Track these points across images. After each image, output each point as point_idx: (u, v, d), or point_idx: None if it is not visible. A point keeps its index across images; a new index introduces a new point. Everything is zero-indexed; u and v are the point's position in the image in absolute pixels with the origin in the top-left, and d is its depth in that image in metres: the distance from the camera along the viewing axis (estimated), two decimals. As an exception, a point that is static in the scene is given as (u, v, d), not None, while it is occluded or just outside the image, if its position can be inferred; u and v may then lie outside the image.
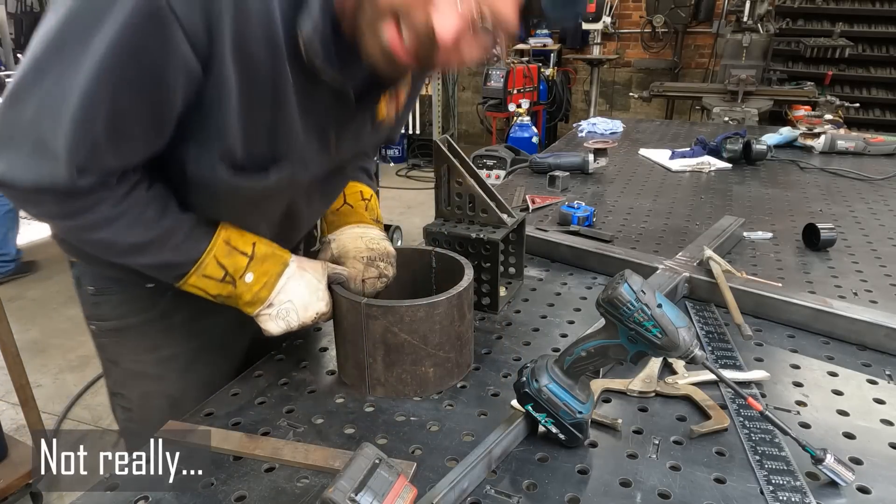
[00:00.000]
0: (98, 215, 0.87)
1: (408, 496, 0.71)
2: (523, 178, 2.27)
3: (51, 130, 0.78)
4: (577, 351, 0.83)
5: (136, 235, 0.90)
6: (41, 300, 4.06)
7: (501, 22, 0.80)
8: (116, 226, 0.88)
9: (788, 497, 0.77)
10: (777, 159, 2.48)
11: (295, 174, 0.96)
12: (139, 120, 0.81)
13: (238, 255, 0.97)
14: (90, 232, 0.89)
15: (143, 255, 0.93)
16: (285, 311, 1.00)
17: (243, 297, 0.98)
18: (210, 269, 0.96)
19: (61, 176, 0.80)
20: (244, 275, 0.97)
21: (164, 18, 0.72)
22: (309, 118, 0.90)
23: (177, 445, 0.89)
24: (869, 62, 5.69)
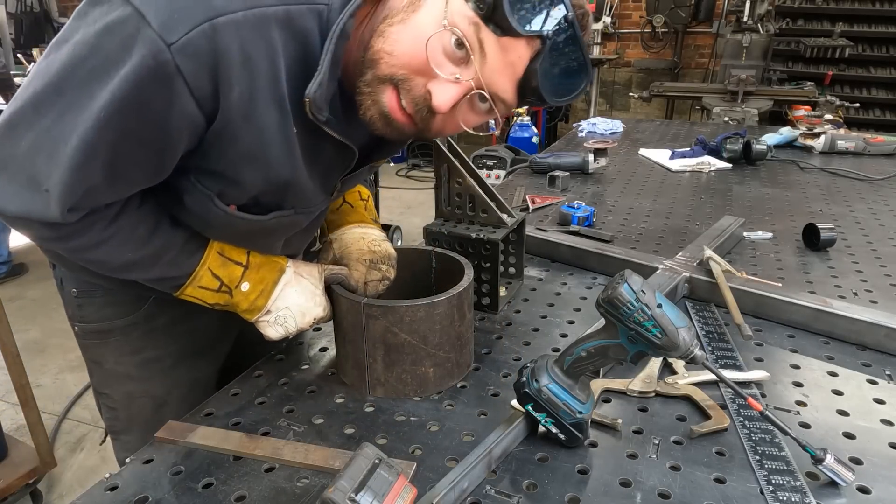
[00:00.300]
0: (89, 239, 0.86)
1: (408, 496, 0.71)
2: (523, 178, 2.27)
3: (45, 169, 0.76)
4: (577, 351, 0.83)
5: (128, 253, 0.90)
6: (41, 300, 4.06)
7: (499, 97, 0.83)
8: (108, 246, 0.88)
9: (788, 497, 0.77)
10: (777, 159, 2.48)
11: (296, 215, 0.96)
12: (139, 166, 0.80)
13: (232, 265, 0.97)
14: (82, 253, 0.89)
15: (136, 271, 0.93)
16: (283, 318, 1.00)
17: (240, 305, 0.98)
18: (205, 280, 0.96)
19: (52, 212, 0.79)
20: (240, 284, 0.97)
21: (169, 76, 0.71)
22: (314, 169, 0.91)
23: (177, 445, 0.90)
24: (869, 62, 5.69)
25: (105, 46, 0.71)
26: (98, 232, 0.86)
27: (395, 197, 6.28)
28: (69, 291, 1.13)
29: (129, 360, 1.15)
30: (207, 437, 0.90)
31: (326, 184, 0.97)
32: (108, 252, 0.89)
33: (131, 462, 0.88)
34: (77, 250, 0.88)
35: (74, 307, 1.14)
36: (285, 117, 0.81)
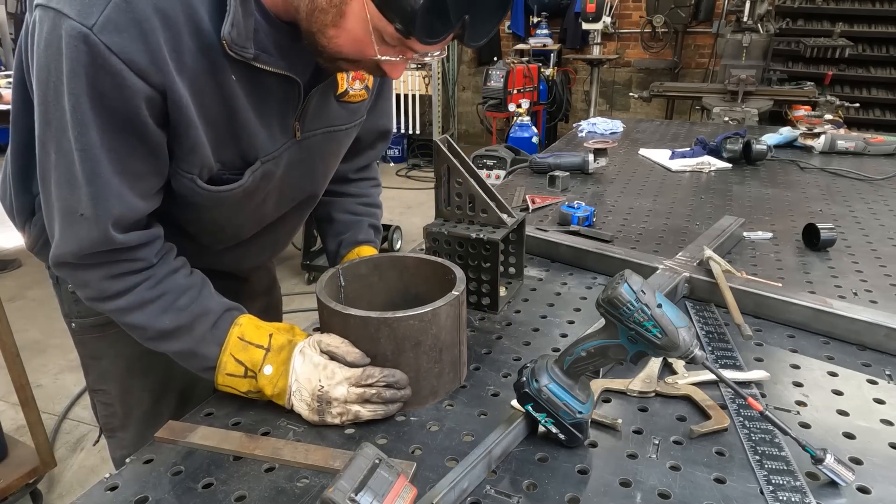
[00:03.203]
0: (136, 297, 0.92)
1: (408, 496, 0.71)
2: (523, 178, 2.27)
3: (73, 196, 0.84)
4: (577, 351, 0.83)
5: (167, 321, 0.94)
6: (41, 300, 4.06)
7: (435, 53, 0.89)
8: (150, 310, 0.93)
9: (788, 497, 0.77)
10: (777, 159, 2.48)
11: (267, 170, 0.99)
12: (137, 155, 0.85)
13: (253, 348, 0.96)
14: (126, 314, 0.93)
15: (171, 341, 0.96)
16: (298, 392, 0.94)
17: (265, 390, 0.94)
18: (230, 366, 0.96)
19: (96, 232, 0.85)
20: (262, 367, 0.95)
21: (104, 57, 0.75)
22: (263, 111, 0.93)
23: (177, 445, 0.90)
24: (869, 62, 5.69)
25: (51, 59, 0.77)
26: (145, 290, 0.93)
27: (395, 197, 6.28)
28: (65, 288, 1.14)
29: (127, 353, 1.16)
30: (207, 437, 0.90)
31: (284, 124, 0.98)
32: (149, 316, 0.93)
33: (131, 462, 0.88)
34: (123, 310, 0.93)
35: (71, 303, 1.15)
36: (217, 64, 0.84)
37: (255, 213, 1.08)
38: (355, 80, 1.07)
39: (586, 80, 7.69)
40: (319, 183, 1.19)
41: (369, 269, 1.14)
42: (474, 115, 7.88)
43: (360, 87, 1.09)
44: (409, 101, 7.41)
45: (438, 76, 7.11)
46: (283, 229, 1.23)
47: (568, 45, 7.74)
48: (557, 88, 7.14)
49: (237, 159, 0.96)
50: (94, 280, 0.91)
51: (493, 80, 6.28)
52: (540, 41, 7.55)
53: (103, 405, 1.22)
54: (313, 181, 1.17)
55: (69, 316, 1.17)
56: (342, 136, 1.13)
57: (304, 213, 1.26)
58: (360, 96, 1.10)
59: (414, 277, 1.14)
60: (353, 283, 1.10)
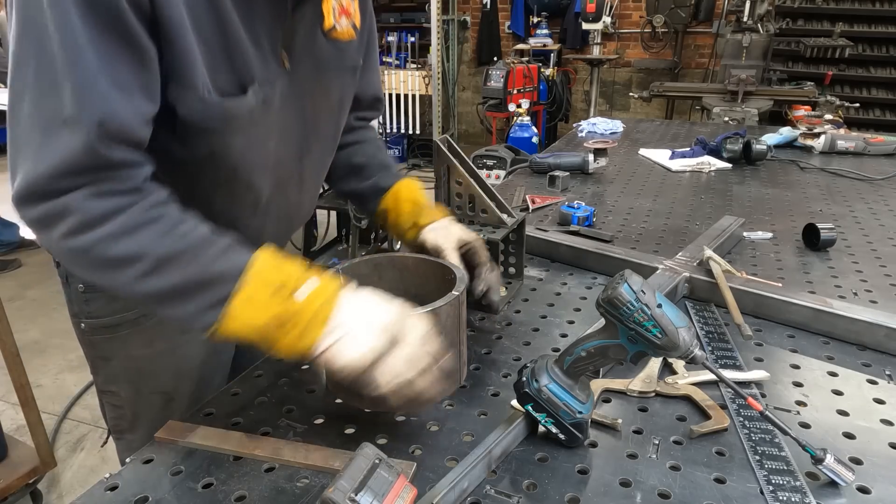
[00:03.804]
0: (129, 219, 0.80)
1: (408, 496, 0.71)
2: (523, 178, 2.27)
3: (54, 100, 0.75)
4: (577, 351, 0.83)
5: (169, 245, 0.81)
6: (41, 300, 4.07)
7: None
8: (147, 232, 0.80)
9: (788, 497, 0.77)
10: (777, 159, 2.48)
11: (266, 94, 0.94)
12: (124, 61, 0.78)
13: (290, 264, 0.84)
14: (117, 242, 0.79)
15: (173, 269, 0.80)
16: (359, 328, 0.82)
17: (304, 313, 0.80)
18: (263, 277, 0.81)
19: (79, 139, 0.75)
20: (305, 282, 0.82)
21: None
22: (253, 29, 0.90)
23: (177, 445, 0.90)
24: (869, 62, 5.69)
25: None
26: (140, 212, 0.80)
27: (395, 197, 6.26)
28: (75, 287, 1.11)
29: (138, 354, 1.14)
30: (207, 437, 0.90)
31: (273, 50, 0.94)
32: (145, 239, 0.80)
33: (131, 462, 0.88)
34: (113, 237, 0.79)
35: (81, 303, 1.12)
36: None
37: (261, 153, 1.01)
38: (342, 15, 1.05)
39: (586, 80, 7.69)
40: (319, 131, 1.13)
41: (369, 269, 1.14)
42: (474, 115, 7.88)
43: (346, 23, 1.07)
44: (409, 101, 7.41)
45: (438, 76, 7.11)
46: (296, 194, 1.16)
47: (568, 45, 7.74)
48: (557, 88, 7.14)
49: (233, 84, 0.90)
50: (76, 202, 0.77)
51: (493, 80, 6.28)
52: (540, 41, 7.55)
53: (112, 407, 1.20)
54: (313, 127, 1.10)
55: (78, 316, 1.14)
56: (333, 80, 1.09)
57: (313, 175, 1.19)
58: (348, 34, 1.07)
59: (414, 277, 1.14)
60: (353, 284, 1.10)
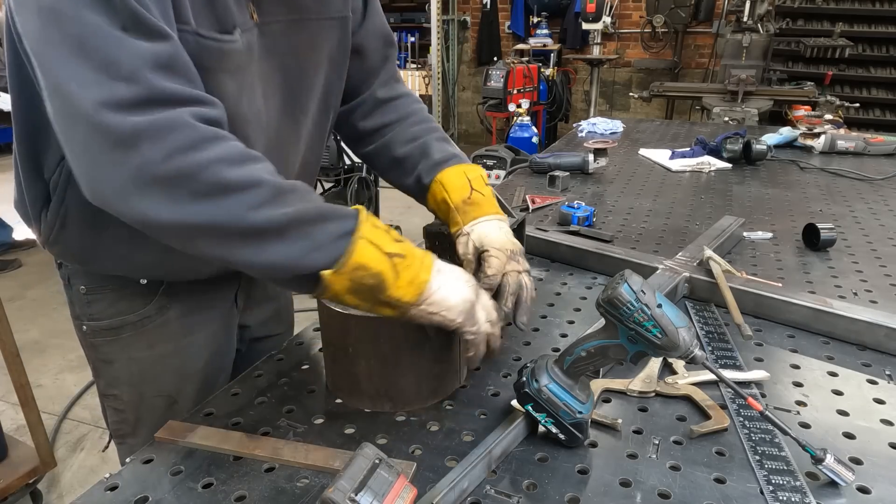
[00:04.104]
0: (235, 149, 0.77)
1: (408, 496, 0.71)
2: (523, 178, 2.27)
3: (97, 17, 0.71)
4: (577, 351, 0.83)
5: (279, 178, 0.79)
6: (41, 300, 4.07)
7: None
8: (256, 166, 0.78)
9: (788, 497, 0.77)
10: (777, 159, 2.48)
11: (248, 40, 0.91)
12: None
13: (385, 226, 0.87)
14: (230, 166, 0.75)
15: (292, 201, 0.78)
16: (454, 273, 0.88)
17: (416, 253, 0.85)
18: (374, 218, 0.85)
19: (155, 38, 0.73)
20: (400, 238, 0.87)
21: None
22: None
23: (177, 445, 0.90)
24: (869, 62, 5.70)
25: None
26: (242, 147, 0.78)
27: (395, 197, 6.25)
28: (77, 289, 1.11)
29: (141, 357, 1.14)
30: (207, 437, 0.90)
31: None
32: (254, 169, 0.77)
33: (131, 462, 0.88)
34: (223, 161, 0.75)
35: (83, 305, 1.12)
36: None
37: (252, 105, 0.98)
38: None
39: (586, 80, 7.69)
40: (313, 89, 1.09)
41: None
42: (474, 115, 7.88)
43: None
44: (409, 101, 7.40)
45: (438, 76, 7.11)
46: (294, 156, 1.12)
47: (568, 45, 7.75)
48: (557, 88, 7.15)
49: (217, 27, 0.87)
50: (183, 117, 0.73)
51: (493, 80, 6.29)
52: (540, 41, 7.55)
53: (114, 410, 1.19)
54: (301, 82, 1.06)
55: (80, 318, 1.13)
56: (317, 32, 1.05)
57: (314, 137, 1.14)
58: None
59: None
60: None
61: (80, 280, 1.10)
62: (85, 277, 1.10)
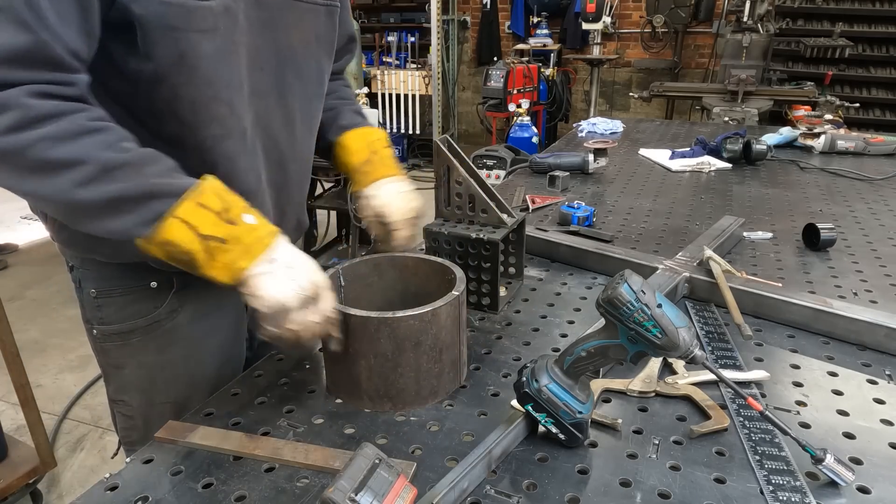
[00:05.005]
0: (71, 124, 0.79)
1: (408, 496, 0.71)
2: (523, 178, 2.27)
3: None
4: (577, 351, 0.83)
5: (112, 156, 0.80)
6: (41, 300, 4.07)
7: None
8: (90, 140, 0.80)
9: (788, 497, 0.77)
10: (777, 159, 2.48)
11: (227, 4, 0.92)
12: None
13: (233, 195, 0.88)
14: (56, 144, 0.78)
15: (115, 179, 0.80)
16: (291, 270, 0.86)
17: (243, 239, 0.84)
18: (208, 198, 0.84)
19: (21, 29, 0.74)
20: (244, 215, 0.86)
21: None
22: None
23: (177, 445, 0.90)
24: (869, 62, 5.69)
25: None
26: (82, 119, 0.80)
27: (395, 197, 6.26)
28: (88, 293, 1.10)
29: (151, 362, 1.13)
30: (207, 437, 0.90)
31: None
32: (88, 146, 0.79)
33: (131, 462, 0.88)
34: (53, 139, 0.77)
35: (93, 308, 1.11)
36: None
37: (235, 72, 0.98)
38: None
39: (586, 80, 7.69)
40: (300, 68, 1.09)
41: (369, 268, 1.14)
42: (474, 115, 7.88)
43: None
44: (409, 101, 7.41)
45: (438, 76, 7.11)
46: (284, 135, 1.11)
47: (568, 45, 7.75)
48: (557, 88, 7.15)
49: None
50: (16, 97, 0.76)
51: (493, 80, 6.28)
52: (540, 41, 7.55)
53: (123, 417, 1.19)
54: (291, 61, 1.07)
55: (90, 322, 1.13)
56: (307, 14, 1.07)
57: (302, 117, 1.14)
58: None
59: (414, 277, 1.14)
60: (353, 283, 1.10)
61: (91, 283, 1.10)
62: (95, 280, 1.10)
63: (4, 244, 4.88)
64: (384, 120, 7.42)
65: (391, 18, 8.16)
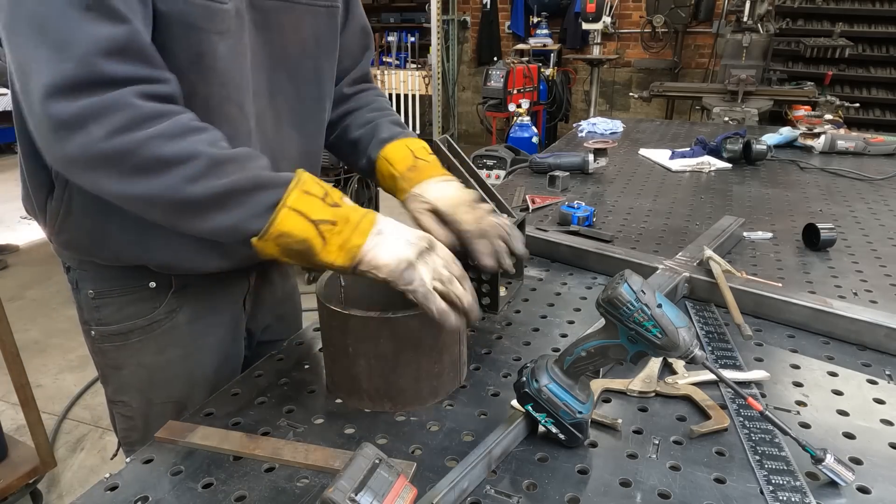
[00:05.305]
0: (177, 124, 0.82)
1: (408, 496, 0.71)
2: (523, 178, 2.27)
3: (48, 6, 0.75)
4: (577, 351, 0.83)
5: (218, 152, 0.83)
6: (41, 300, 4.07)
7: None
8: (196, 138, 0.82)
9: (788, 497, 0.77)
10: (777, 159, 2.48)
11: (237, 5, 0.94)
12: None
13: (326, 185, 0.90)
14: (168, 141, 0.80)
15: (225, 172, 0.83)
16: (397, 230, 0.88)
17: (351, 217, 0.87)
18: (310, 185, 0.87)
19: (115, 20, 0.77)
20: (343, 198, 0.89)
21: None
22: None
23: (177, 445, 0.90)
24: (869, 62, 5.70)
25: None
26: (186, 119, 0.83)
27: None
28: (86, 294, 1.10)
29: (150, 362, 1.13)
30: (207, 437, 0.90)
31: None
32: (197, 142, 0.82)
33: (131, 462, 0.88)
34: (166, 136, 0.80)
35: (91, 309, 1.11)
36: None
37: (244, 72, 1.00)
38: None
39: (586, 80, 7.69)
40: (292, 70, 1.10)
41: None
42: (474, 115, 7.88)
43: None
44: (409, 101, 7.41)
45: (438, 76, 7.11)
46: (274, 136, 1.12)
47: (568, 45, 7.75)
48: (557, 88, 7.15)
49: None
50: (126, 98, 0.78)
51: (493, 80, 6.29)
52: (540, 41, 7.55)
53: (123, 418, 1.19)
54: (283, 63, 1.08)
55: (88, 323, 1.12)
56: (304, 16, 1.07)
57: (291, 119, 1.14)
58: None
59: None
60: (353, 283, 1.10)
61: (89, 284, 1.10)
62: (93, 281, 1.09)
63: (4, 244, 4.88)
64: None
65: (391, 18, 8.17)
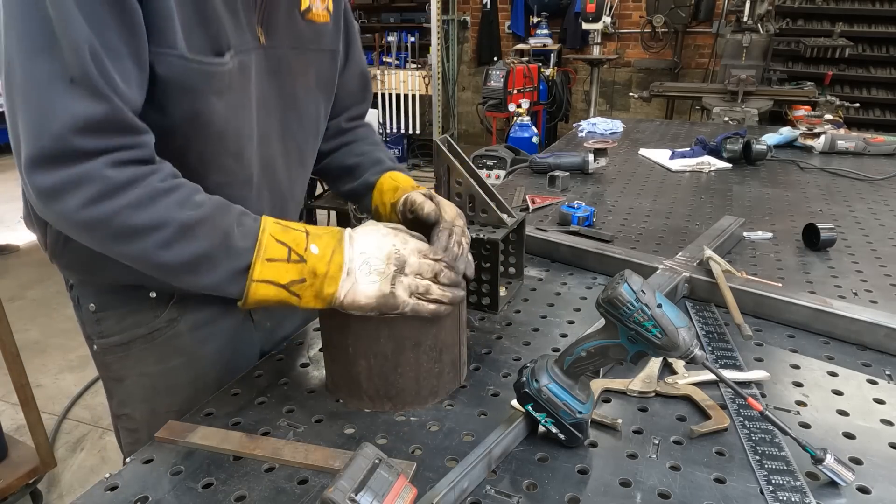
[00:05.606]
0: (148, 189, 0.83)
1: (408, 496, 0.71)
2: (523, 178, 2.27)
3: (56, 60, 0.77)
4: (577, 351, 0.83)
5: (188, 214, 0.85)
6: (41, 300, 4.07)
7: None
8: (166, 202, 0.84)
9: (788, 497, 0.77)
10: (777, 159, 2.48)
11: (242, 61, 0.96)
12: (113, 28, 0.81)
13: (293, 230, 0.91)
14: (141, 210, 0.82)
15: (196, 237, 0.85)
16: (366, 263, 0.88)
17: (318, 269, 0.88)
18: (272, 250, 0.88)
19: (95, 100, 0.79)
20: (308, 247, 0.89)
21: None
22: (230, 1, 0.93)
23: (177, 445, 0.90)
24: (869, 62, 5.70)
25: None
26: (156, 182, 0.84)
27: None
28: (87, 308, 1.11)
29: (153, 371, 1.13)
30: (207, 437, 0.90)
31: (249, 23, 0.97)
32: (167, 208, 0.84)
33: (131, 462, 0.88)
34: (136, 206, 0.82)
35: (93, 323, 1.12)
36: None
37: (246, 123, 1.02)
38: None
39: (586, 80, 7.69)
40: (300, 111, 1.14)
41: None
42: (474, 115, 7.88)
43: (321, 6, 1.09)
44: (409, 101, 7.41)
45: (438, 76, 7.11)
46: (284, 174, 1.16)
47: (568, 45, 7.75)
48: (557, 88, 7.15)
49: (208, 48, 0.91)
50: (96, 170, 0.80)
51: (493, 80, 6.29)
52: (540, 41, 7.55)
53: (127, 431, 1.19)
54: (293, 104, 1.11)
55: (90, 337, 1.13)
56: (312, 60, 1.10)
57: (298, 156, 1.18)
58: (323, 17, 1.09)
59: None
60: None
61: (90, 299, 1.10)
62: (94, 296, 1.10)
63: (5, 245, 4.88)
64: (384, 120, 7.42)
65: (391, 18, 8.16)
